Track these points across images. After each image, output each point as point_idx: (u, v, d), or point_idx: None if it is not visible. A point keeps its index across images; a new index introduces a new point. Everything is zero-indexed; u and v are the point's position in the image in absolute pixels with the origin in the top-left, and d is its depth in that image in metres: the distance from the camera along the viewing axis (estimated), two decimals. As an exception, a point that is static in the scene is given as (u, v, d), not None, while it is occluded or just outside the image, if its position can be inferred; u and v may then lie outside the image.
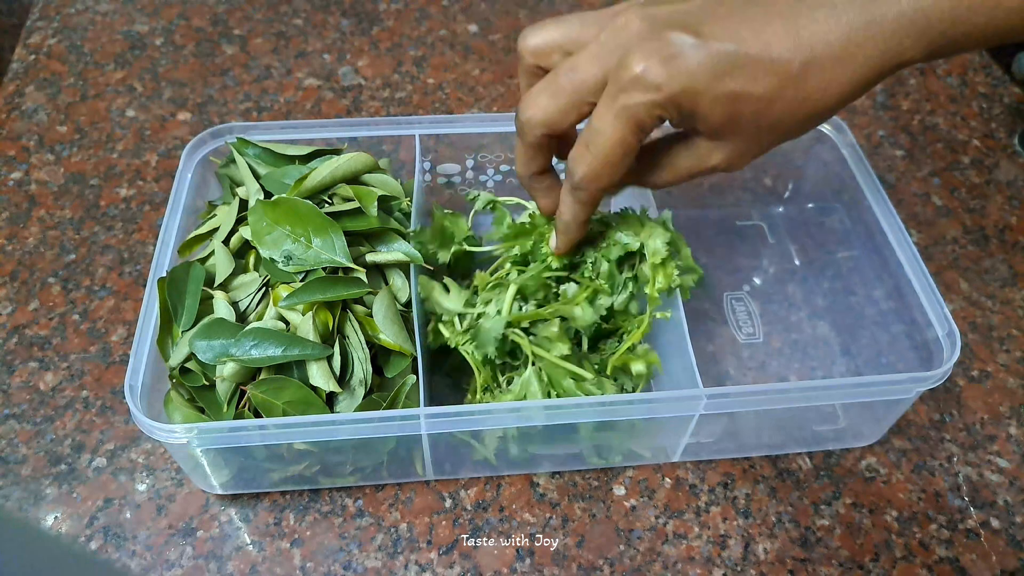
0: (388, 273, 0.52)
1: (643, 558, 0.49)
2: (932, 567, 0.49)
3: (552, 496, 0.51)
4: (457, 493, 0.51)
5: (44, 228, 0.64)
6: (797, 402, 0.46)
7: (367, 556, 0.48)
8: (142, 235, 0.64)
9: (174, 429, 0.42)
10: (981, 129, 0.75)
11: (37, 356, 0.56)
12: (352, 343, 0.47)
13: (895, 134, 0.74)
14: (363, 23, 0.83)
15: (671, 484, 0.52)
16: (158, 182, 0.67)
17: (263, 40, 0.80)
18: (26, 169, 0.68)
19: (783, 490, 0.52)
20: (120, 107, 0.73)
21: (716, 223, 0.66)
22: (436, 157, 0.61)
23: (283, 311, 0.47)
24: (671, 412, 0.46)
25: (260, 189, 0.52)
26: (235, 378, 0.46)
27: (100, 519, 0.49)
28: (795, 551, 0.49)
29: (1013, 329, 0.60)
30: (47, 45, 0.79)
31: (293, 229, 0.49)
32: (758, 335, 0.59)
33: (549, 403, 0.45)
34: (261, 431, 0.43)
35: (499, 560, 0.48)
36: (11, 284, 0.60)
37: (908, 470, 0.53)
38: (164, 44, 0.79)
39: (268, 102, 0.74)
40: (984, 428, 0.55)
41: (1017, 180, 0.71)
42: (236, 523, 0.49)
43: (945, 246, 0.65)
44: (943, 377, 0.47)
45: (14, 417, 0.53)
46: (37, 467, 0.51)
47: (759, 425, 0.51)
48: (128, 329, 0.58)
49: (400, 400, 0.46)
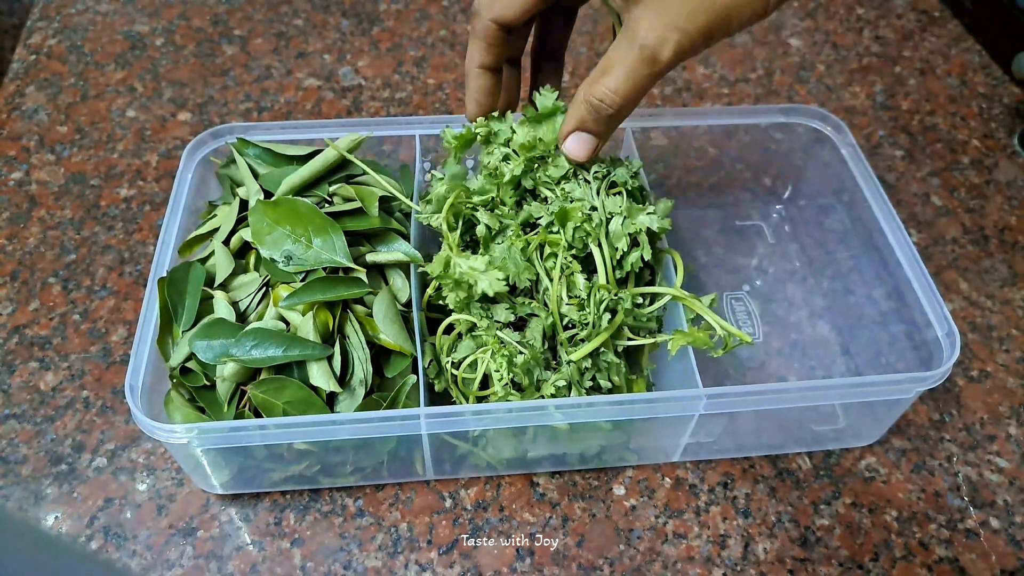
0: (388, 273, 0.52)
1: (643, 558, 0.49)
2: (932, 567, 0.49)
3: (552, 496, 0.51)
4: (457, 493, 0.51)
5: (45, 228, 0.64)
6: (797, 402, 0.46)
7: (367, 556, 0.48)
8: (142, 235, 0.64)
9: (175, 429, 0.42)
10: (981, 129, 0.75)
11: (37, 356, 0.56)
12: (352, 343, 0.47)
13: (895, 134, 0.74)
14: (363, 23, 0.83)
15: (671, 484, 0.52)
16: (158, 182, 0.67)
17: (263, 40, 0.80)
18: (27, 169, 0.68)
19: (783, 490, 0.52)
20: (120, 107, 0.73)
21: (716, 223, 0.66)
22: (436, 157, 0.61)
23: (283, 311, 0.47)
24: (671, 412, 0.46)
25: (260, 189, 0.52)
26: (235, 378, 0.46)
27: (100, 519, 0.49)
28: (795, 551, 0.49)
29: (1013, 329, 0.60)
30: (47, 45, 0.79)
31: (293, 229, 0.49)
32: (758, 335, 0.59)
33: (550, 403, 0.45)
34: (261, 431, 0.43)
35: (499, 560, 0.48)
36: (11, 284, 0.60)
37: (908, 470, 0.53)
38: (164, 44, 0.79)
39: (268, 102, 0.75)
40: (984, 428, 0.55)
41: (1017, 180, 0.71)
42: (236, 523, 0.49)
43: (945, 246, 0.65)
44: (943, 377, 0.47)
45: (14, 417, 0.53)
46: (37, 467, 0.51)
47: (759, 425, 0.51)
48: (128, 329, 0.58)
49: (400, 400, 0.46)
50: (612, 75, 0.41)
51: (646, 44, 0.39)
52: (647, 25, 0.39)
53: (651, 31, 0.39)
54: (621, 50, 0.40)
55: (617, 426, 0.48)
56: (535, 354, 0.45)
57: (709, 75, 0.79)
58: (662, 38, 0.39)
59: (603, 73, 0.41)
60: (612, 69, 0.41)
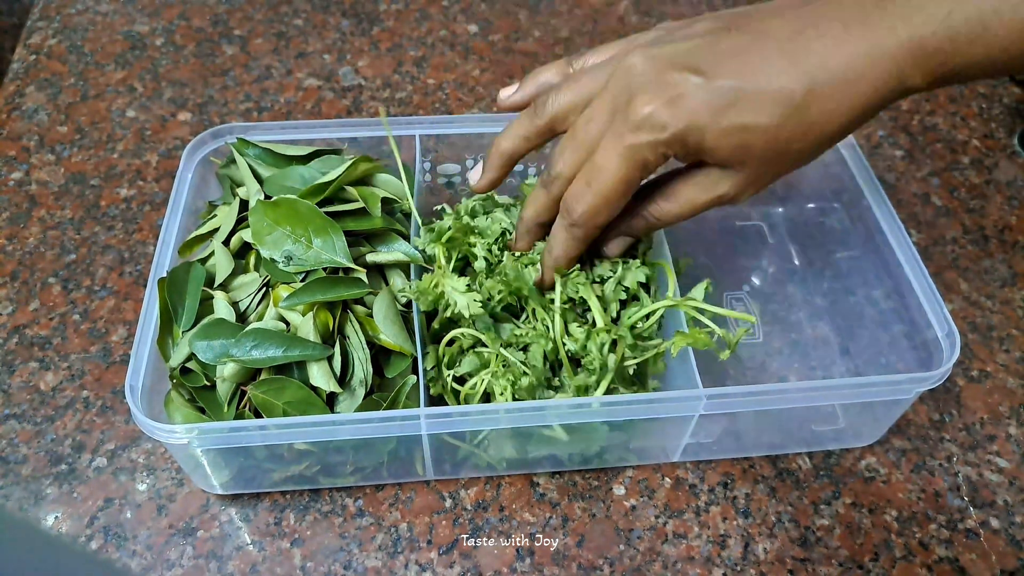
0: (388, 273, 0.52)
1: (643, 558, 0.49)
2: (932, 567, 0.49)
3: (552, 496, 0.51)
4: (457, 493, 0.51)
5: (44, 228, 0.64)
6: (797, 402, 0.47)
7: (367, 556, 0.48)
8: (142, 235, 0.64)
9: (175, 429, 0.42)
10: (981, 129, 0.75)
11: (37, 356, 0.56)
12: (353, 343, 0.47)
13: (895, 134, 0.74)
14: (363, 23, 0.83)
15: (671, 484, 0.52)
16: (158, 182, 0.67)
17: (263, 40, 0.80)
18: (26, 169, 0.68)
19: (783, 490, 0.52)
20: (120, 107, 0.73)
21: (716, 223, 0.66)
22: (436, 157, 0.61)
23: (283, 311, 0.47)
24: (671, 412, 0.46)
25: (260, 190, 0.52)
26: (235, 378, 0.46)
27: (100, 519, 0.49)
28: (795, 551, 0.49)
29: (1013, 329, 0.60)
30: (47, 45, 0.79)
31: (294, 229, 0.49)
32: (758, 335, 0.59)
33: (549, 404, 0.45)
34: (262, 431, 0.43)
35: (499, 560, 0.48)
36: (11, 284, 0.60)
37: (908, 470, 0.53)
38: (164, 44, 0.79)
39: (268, 102, 0.75)
40: (984, 428, 0.55)
41: (1017, 180, 0.71)
42: (236, 523, 0.49)
43: (945, 246, 0.65)
44: (942, 377, 0.47)
45: (14, 417, 0.53)
46: (37, 467, 0.51)
47: (759, 425, 0.51)
48: (128, 329, 0.58)
49: (401, 400, 0.46)
50: (677, 204, 0.44)
51: (725, 195, 0.42)
52: (729, 185, 0.41)
53: (733, 188, 0.41)
54: (694, 192, 0.43)
55: (618, 427, 0.48)
56: (538, 375, 0.46)
57: (709, 75, 0.79)
58: (742, 191, 0.42)
59: (667, 199, 0.44)
60: (678, 199, 0.43)
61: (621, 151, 0.39)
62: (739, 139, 0.38)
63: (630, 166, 0.40)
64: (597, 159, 0.40)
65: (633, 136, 0.39)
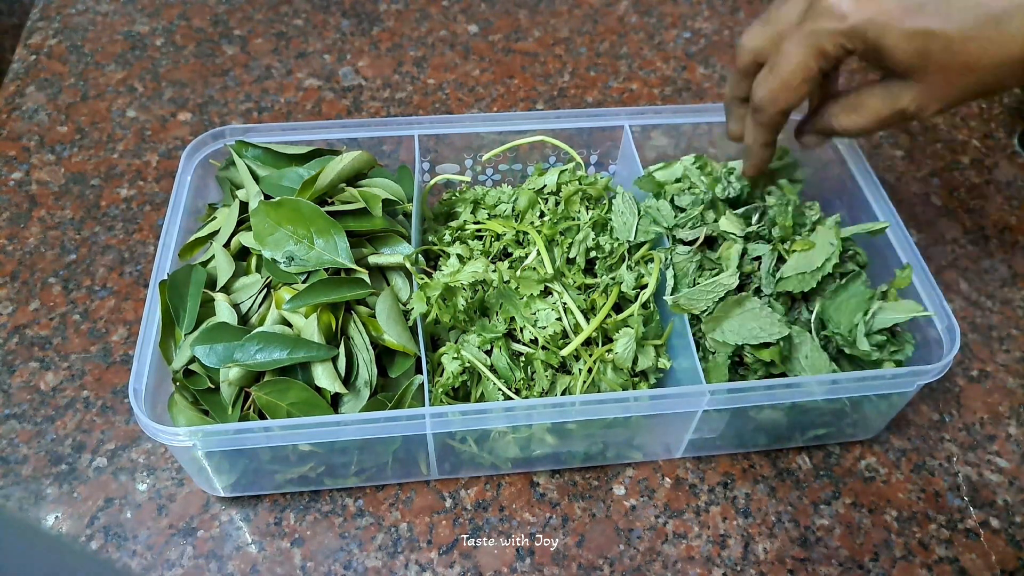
0: (389, 274, 0.52)
1: (643, 557, 0.49)
2: (932, 567, 0.49)
3: (552, 496, 0.51)
4: (457, 493, 0.51)
5: (45, 228, 0.64)
6: (800, 397, 0.47)
7: (367, 556, 0.48)
8: (142, 235, 0.64)
9: (179, 432, 0.42)
10: (981, 129, 0.75)
11: (38, 356, 0.56)
12: (356, 344, 0.47)
13: (895, 134, 0.74)
14: (363, 23, 0.83)
15: (671, 484, 0.52)
16: (159, 182, 0.67)
17: (263, 40, 0.80)
18: (27, 169, 0.68)
19: (783, 490, 0.52)
20: (121, 107, 0.73)
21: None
22: (436, 157, 0.61)
23: (287, 313, 0.47)
24: (675, 408, 0.46)
25: (260, 192, 0.52)
26: (239, 381, 0.46)
27: (101, 519, 0.49)
28: (795, 551, 0.49)
29: (1013, 329, 0.60)
30: (48, 45, 0.79)
31: (296, 230, 0.49)
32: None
33: (553, 401, 0.45)
34: (266, 433, 0.43)
35: (499, 560, 0.48)
36: (12, 284, 0.60)
37: (908, 470, 0.53)
38: (165, 44, 0.79)
39: (268, 102, 0.74)
40: (984, 428, 0.55)
41: (1017, 180, 0.71)
42: (237, 523, 0.49)
43: (945, 246, 0.66)
44: (943, 370, 0.47)
45: (15, 417, 0.53)
46: (38, 467, 0.51)
47: (761, 420, 0.51)
48: (129, 329, 0.58)
49: (406, 400, 0.46)
50: (861, 114, 0.45)
51: (907, 110, 0.42)
52: (910, 97, 0.42)
53: (914, 102, 0.42)
54: (877, 102, 0.44)
55: (621, 422, 0.48)
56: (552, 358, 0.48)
57: (709, 75, 0.79)
58: (923, 107, 0.42)
59: (854, 109, 0.45)
60: (862, 109, 0.44)
61: (801, 38, 0.41)
62: (920, 43, 0.39)
63: (808, 53, 0.41)
64: (781, 46, 0.43)
65: (814, 23, 0.41)
